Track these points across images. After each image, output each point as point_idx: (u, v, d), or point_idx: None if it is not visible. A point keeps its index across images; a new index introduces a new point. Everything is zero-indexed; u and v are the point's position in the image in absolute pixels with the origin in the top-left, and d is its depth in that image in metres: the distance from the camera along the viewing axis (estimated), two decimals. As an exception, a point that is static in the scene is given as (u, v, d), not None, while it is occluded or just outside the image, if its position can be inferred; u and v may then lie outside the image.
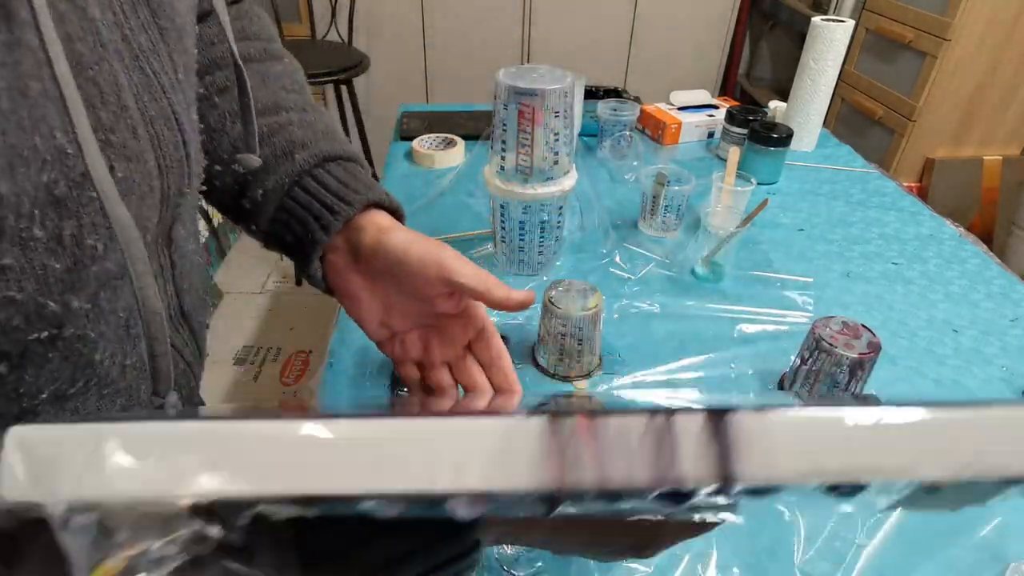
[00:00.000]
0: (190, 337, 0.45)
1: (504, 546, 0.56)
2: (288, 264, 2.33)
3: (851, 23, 1.17)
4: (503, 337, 0.48)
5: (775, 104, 1.38)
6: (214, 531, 0.16)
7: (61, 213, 0.28)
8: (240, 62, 0.42)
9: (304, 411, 0.17)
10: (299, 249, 0.47)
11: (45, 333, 0.30)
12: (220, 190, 0.49)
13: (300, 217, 0.46)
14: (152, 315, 0.35)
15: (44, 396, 0.32)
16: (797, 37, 2.55)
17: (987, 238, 2.14)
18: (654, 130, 1.35)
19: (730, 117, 1.23)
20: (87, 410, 0.35)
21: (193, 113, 0.38)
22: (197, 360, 0.47)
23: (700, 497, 0.16)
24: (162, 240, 0.39)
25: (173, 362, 0.42)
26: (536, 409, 0.16)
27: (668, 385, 0.73)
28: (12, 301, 0.27)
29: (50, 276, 0.28)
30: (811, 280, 0.93)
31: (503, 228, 0.87)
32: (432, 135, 1.24)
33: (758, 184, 1.05)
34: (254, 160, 0.45)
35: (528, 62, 2.52)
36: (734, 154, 1.02)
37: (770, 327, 0.83)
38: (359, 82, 2.08)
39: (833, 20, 1.17)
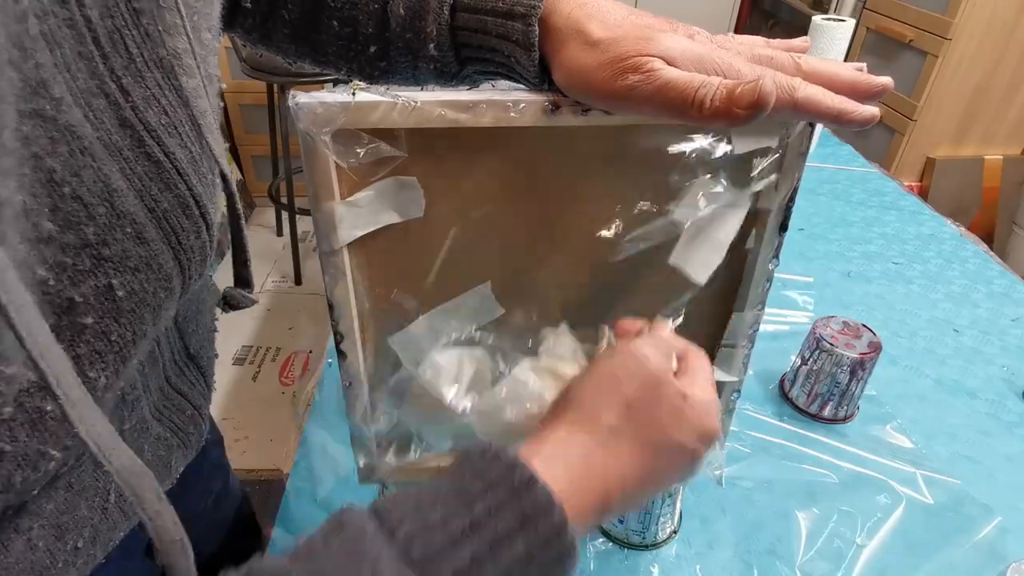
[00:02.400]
0: (198, 377, 0.42)
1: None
2: (288, 264, 2.33)
3: (851, 22, 1.17)
4: None
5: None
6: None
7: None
8: (233, 189, 0.34)
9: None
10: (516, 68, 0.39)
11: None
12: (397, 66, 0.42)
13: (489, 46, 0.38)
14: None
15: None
16: (798, 36, 2.54)
17: (988, 238, 2.14)
18: (654, 129, 1.34)
19: (730, 116, 1.23)
20: (82, 485, 0.32)
21: (215, 168, 0.33)
22: (205, 401, 0.44)
23: None
24: None
25: (179, 408, 0.40)
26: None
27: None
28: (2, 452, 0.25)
29: (49, 420, 0.26)
30: (811, 280, 0.93)
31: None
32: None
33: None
34: (248, 299, 0.40)
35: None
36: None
37: (770, 327, 0.83)
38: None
39: (834, 19, 1.17)
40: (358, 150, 0.33)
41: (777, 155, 0.38)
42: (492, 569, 0.24)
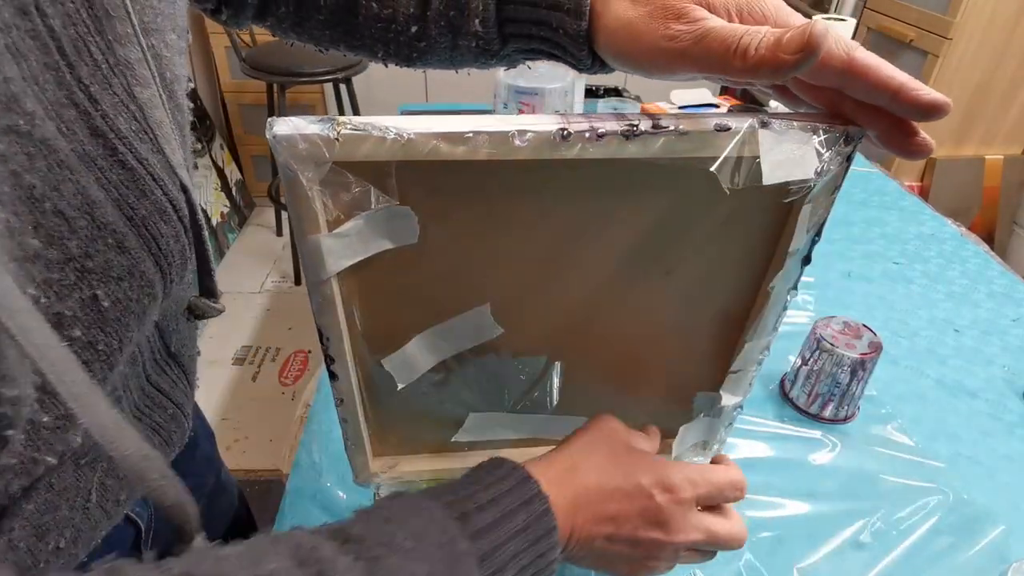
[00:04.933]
0: (179, 375, 0.41)
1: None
2: (288, 264, 2.32)
3: (852, 22, 1.17)
4: None
5: (776, 103, 1.38)
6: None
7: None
8: (194, 199, 0.33)
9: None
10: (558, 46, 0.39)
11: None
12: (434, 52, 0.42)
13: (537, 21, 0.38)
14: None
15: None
16: (798, 36, 2.53)
17: (988, 237, 2.14)
18: (654, 129, 1.34)
19: (731, 116, 1.23)
20: (63, 486, 0.32)
21: (188, 170, 0.33)
22: (187, 399, 0.43)
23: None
24: None
25: (160, 407, 0.40)
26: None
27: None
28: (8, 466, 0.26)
29: (42, 430, 0.26)
30: (812, 280, 0.93)
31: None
32: (432, 134, 1.24)
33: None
34: (213, 309, 0.40)
35: (532, 66, 2.50)
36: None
37: (771, 327, 0.83)
38: (358, 80, 2.08)
39: (834, 19, 1.17)
40: (343, 195, 0.30)
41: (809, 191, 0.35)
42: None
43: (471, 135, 0.29)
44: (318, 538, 0.29)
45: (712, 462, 0.45)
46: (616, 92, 1.34)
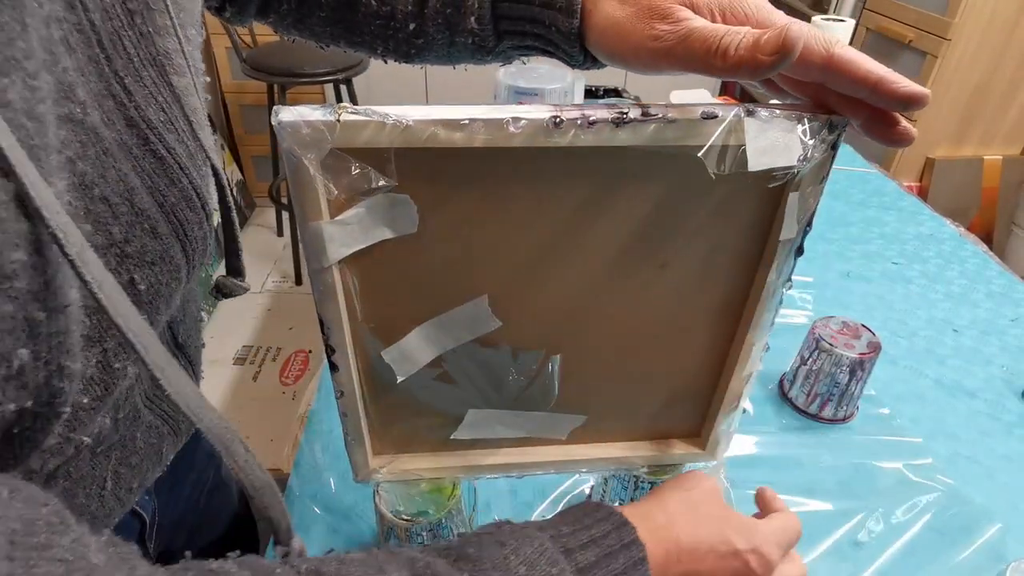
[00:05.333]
0: (186, 365, 0.42)
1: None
2: (288, 264, 2.33)
3: (851, 22, 1.17)
4: None
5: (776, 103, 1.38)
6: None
7: (90, 350, 0.26)
8: (224, 182, 0.35)
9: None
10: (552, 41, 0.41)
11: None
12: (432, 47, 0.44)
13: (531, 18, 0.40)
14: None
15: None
16: (797, 36, 2.53)
17: (987, 238, 2.14)
18: (654, 129, 1.34)
19: (730, 116, 1.23)
20: (80, 474, 0.33)
21: (207, 162, 0.34)
22: None
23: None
24: None
25: (169, 397, 0.41)
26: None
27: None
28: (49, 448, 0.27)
29: (79, 411, 0.27)
30: (811, 279, 0.93)
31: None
32: (432, 134, 1.24)
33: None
34: (240, 287, 0.41)
35: (528, 61, 2.51)
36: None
37: (770, 327, 0.83)
38: (359, 81, 2.08)
39: (834, 19, 1.17)
40: (344, 179, 0.32)
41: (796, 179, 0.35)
42: None
43: (467, 122, 0.30)
44: (428, 555, 0.30)
45: (761, 500, 0.47)
46: (616, 92, 1.35)
